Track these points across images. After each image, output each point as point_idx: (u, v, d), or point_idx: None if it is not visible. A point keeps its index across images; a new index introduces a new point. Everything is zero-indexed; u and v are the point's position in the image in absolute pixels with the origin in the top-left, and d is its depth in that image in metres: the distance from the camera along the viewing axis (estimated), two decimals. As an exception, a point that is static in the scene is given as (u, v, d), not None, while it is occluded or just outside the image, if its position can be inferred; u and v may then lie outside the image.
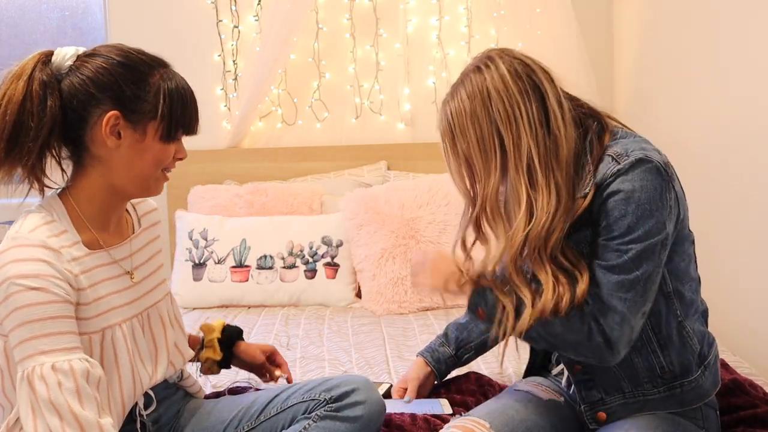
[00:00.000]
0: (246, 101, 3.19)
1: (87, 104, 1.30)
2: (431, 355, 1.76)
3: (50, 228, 1.29)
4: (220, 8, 3.27)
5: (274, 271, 2.74)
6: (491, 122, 1.33)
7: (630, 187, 1.28)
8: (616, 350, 1.31)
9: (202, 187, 3.05)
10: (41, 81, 1.29)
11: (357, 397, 1.42)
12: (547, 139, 1.32)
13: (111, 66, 1.31)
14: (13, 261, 1.23)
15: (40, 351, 1.19)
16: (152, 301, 1.45)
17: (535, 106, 1.32)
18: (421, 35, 3.29)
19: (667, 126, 2.77)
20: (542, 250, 1.31)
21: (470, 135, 1.34)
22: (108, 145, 1.31)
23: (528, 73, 1.35)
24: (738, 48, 2.27)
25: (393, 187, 2.88)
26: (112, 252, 1.38)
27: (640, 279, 1.29)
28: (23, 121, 1.28)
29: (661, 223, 1.28)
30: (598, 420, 1.44)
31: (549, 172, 1.31)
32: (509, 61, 1.36)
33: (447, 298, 1.47)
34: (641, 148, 1.32)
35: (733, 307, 2.31)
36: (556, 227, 1.30)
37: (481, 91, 1.34)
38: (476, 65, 1.38)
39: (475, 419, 1.43)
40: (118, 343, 1.33)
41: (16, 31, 3.37)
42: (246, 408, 1.50)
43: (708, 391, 1.42)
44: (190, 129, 1.38)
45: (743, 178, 2.25)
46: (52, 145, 1.32)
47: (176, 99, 1.34)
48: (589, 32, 3.15)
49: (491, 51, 1.39)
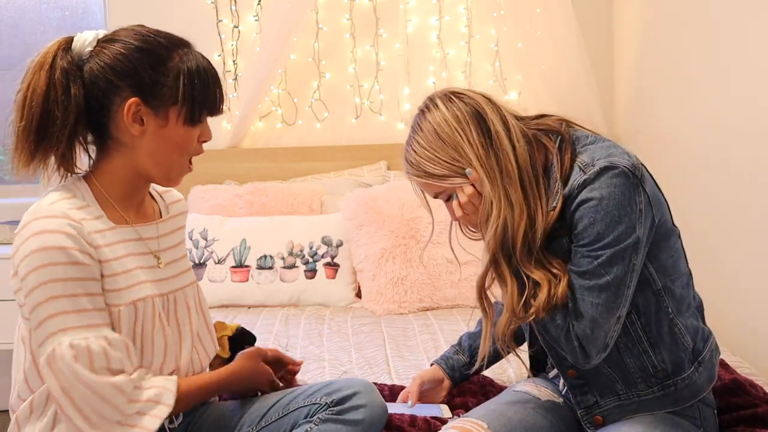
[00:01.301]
0: (246, 101, 3.19)
1: (108, 92, 1.30)
2: (445, 362, 1.77)
3: (72, 202, 1.29)
4: (220, 8, 3.27)
5: (274, 271, 2.74)
6: (446, 153, 1.39)
7: (598, 194, 1.31)
8: (589, 354, 1.35)
9: (202, 187, 3.05)
10: (63, 69, 1.29)
11: (359, 401, 1.42)
12: (491, 158, 1.37)
13: (129, 51, 1.30)
14: (34, 234, 1.23)
15: (59, 329, 1.21)
16: (179, 285, 1.44)
17: (475, 129, 1.37)
18: (421, 35, 3.29)
19: (667, 126, 2.77)
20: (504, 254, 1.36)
21: (435, 172, 1.40)
22: (132, 132, 1.31)
23: (465, 104, 1.40)
24: (738, 48, 2.27)
25: (393, 187, 2.88)
26: (138, 229, 1.38)
27: (611, 284, 1.31)
28: (50, 110, 1.28)
29: (630, 228, 1.31)
30: (596, 423, 1.45)
31: (499, 182, 1.36)
32: (447, 97, 1.42)
33: None
34: (607, 155, 1.34)
35: (732, 307, 2.31)
36: (518, 230, 1.35)
37: (428, 129, 1.41)
38: (420, 109, 1.46)
39: (473, 420, 1.43)
40: (149, 317, 1.33)
41: (16, 31, 3.37)
42: (247, 413, 1.49)
43: (702, 387, 1.42)
44: (214, 109, 1.36)
45: (743, 177, 2.25)
46: (79, 132, 1.32)
47: (197, 81, 1.32)
48: (589, 32, 3.15)
49: (432, 94, 1.47)
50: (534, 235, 1.36)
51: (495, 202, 1.35)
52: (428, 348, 2.18)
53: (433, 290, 2.63)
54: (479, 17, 3.26)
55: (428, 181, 1.42)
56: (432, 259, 2.65)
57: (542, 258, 1.37)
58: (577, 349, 1.35)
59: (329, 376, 1.95)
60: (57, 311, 1.22)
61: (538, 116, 1.47)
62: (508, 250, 1.36)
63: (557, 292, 1.34)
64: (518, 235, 1.35)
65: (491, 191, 1.36)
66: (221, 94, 1.37)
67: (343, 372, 2.01)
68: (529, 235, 1.36)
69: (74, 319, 1.22)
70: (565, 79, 3.08)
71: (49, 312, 1.22)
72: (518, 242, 1.35)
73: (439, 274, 2.64)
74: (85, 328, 1.23)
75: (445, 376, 1.75)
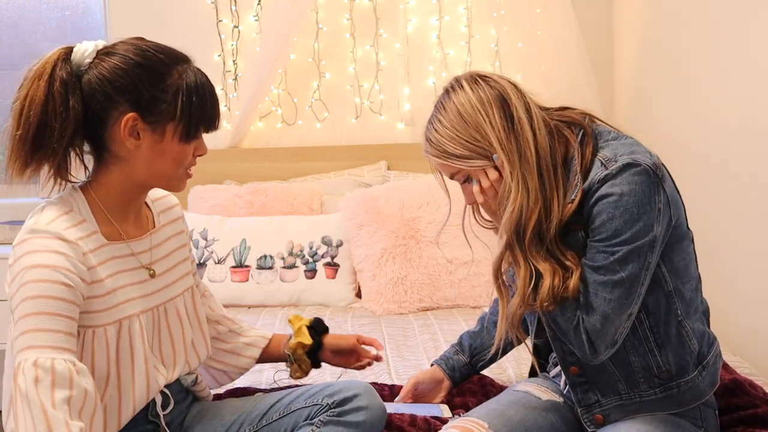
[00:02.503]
0: (246, 101, 3.19)
1: (106, 105, 1.30)
2: (445, 363, 1.77)
3: (68, 218, 1.29)
4: (220, 8, 3.27)
5: (274, 271, 2.74)
6: (467, 134, 1.39)
7: (618, 190, 1.31)
8: (598, 349, 1.35)
9: (202, 187, 3.05)
10: (62, 80, 1.28)
11: (359, 403, 1.42)
12: (512, 142, 1.37)
13: (129, 67, 1.29)
14: (29, 252, 1.23)
15: (29, 345, 1.18)
16: (170, 296, 1.44)
17: (498, 113, 1.37)
18: (421, 35, 3.29)
19: (667, 126, 2.77)
20: (516, 240, 1.36)
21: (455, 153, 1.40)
22: (128, 146, 1.31)
23: (490, 87, 1.40)
24: (738, 48, 2.27)
25: (393, 187, 2.88)
26: (131, 244, 1.39)
27: (625, 280, 1.31)
28: (48, 121, 1.27)
29: (648, 226, 1.30)
30: (596, 422, 1.45)
31: (518, 169, 1.36)
32: (473, 79, 1.42)
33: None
34: (630, 152, 1.34)
35: (733, 307, 2.31)
36: (530, 218, 1.35)
37: (451, 109, 1.40)
38: (445, 89, 1.45)
39: (474, 419, 1.43)
40: (135, 335, 1.33)
41: (16, 31, 3.37)
42: (248, 411, 1.49)
43: (704, 391, 1.42)
44: (211, 125, 1.37)
45: (743, 178, 2.26)
46: (75, 143, 1.32)
47: (195, 98, 1.32)
48: (589, 32, 3.16)
49: (459, 76, 1.46)
50: (548, 225, 1.36)
51: (513, 187, 1.36)
52: (428, 348, 2.19)
53: (433, 290, 2.63)
54: (479, 17, 3.26)
55: (447, 161, 1.41)
56: (432, 259, 2.65)
57: (555, 249, 1.36)
58: (586, 343, 1.35)
59: (329, 376, 1.95)
60: (32, 327, 1.19)
61: (561, 108, 1.47)
62: (521, 236, 1.36)
63: (568, 285, 1.33)
64: (530, 223, 1.35)
65: (509, 175, 1.36)
66: (218, 110, 1.37)
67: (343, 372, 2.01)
68: (543, 224, 1.36)
69: (47, 338, 1.19)
70: (565, 79, 3.08)
71: (26, 327, 1.20)
72: (529, 229, 1.35)
73: (439, 274, 2.64)
74: (55, 349, 1.19)
75: (445, 376, 1.75)
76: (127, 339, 1.33)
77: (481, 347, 1.76)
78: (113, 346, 1.30)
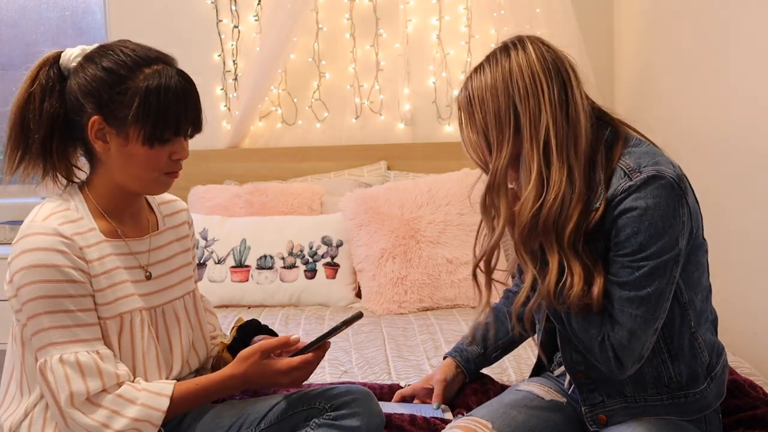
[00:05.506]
0: (246, 101, 3.19)
1: (78, 108, 1.34)
2: (460, 354, 1.72)
3: (65, 215, 1.33)
4: (220, 8, 3.27)
5: (274, 271, 2.74)
6: (509, 96, 1.31)
7: (643, 204, 1.26)
8: (624, 365, 1.32)
9: (202, 187, 3.05)
10: (41, 83, 1.35)
11: (356, 408, 1.41)
12: (566, 125, 1.30)
13: (95, 70, 1.33)
14: (27, 251, 1.27)
15: (50, 342, 1.26)
16: (168, 298, 1.46)
17: (557, 90, 1.31)
18: (421, 35, 3.29)
19: (667, 126, 2.77)
20: (554, 234, 1.30)
21: (487, 107, 1.33)
22: (98, 149, 1.35)
23: (554, 59, 1.34)
24: (739, 48, 2.27)
25: (393, 187, 2.87)
26: (130, 243, 1.41)
27: (651, 296, 1.28)
28: (25, 121, 1.35)
29: (673, 240, 1.27)
30: (599, 422, 1.44)
31: (565, 155, 1.29)
32: (538, 45, 1.35)
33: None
34: (654, 163, 1.30)
35: (733, 308, 2.31)
36: (572, 214, 1.29)
37: (504, 66, 1.33)
38: (505, 44, 1.37)
39: (478, 419, 1.43)
40: (136, 330, 1.36)
41: (16, 31, 3.37)
42: (246, 415, 1.49)
43: (711, 403, 1.41)
44: (178, 129, 1.34)
45: (744, 177, 2.25)
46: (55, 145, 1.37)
47: (154, 101, 1.30)
48: (589, 32, 3.15)
49: (522, 35, 1.38)
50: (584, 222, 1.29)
51: (556, 174, 1.28)
52: (428, 348, 2.18)
53: (433, 290, 2.63)
54: (479, 17, 3.26)
55: (476, 116, 1.33)
56: (432, 259, 2.65)
57: (582, 251, 1.31)
58: (612, 360, 1.31)
59: (329, 376, 1.95)
60: (47, 326, 1.27)
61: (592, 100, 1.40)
62: (559, 230, 1.29)
63: (593, 292, 1.29)
64: (571, 219, 1.28)
65: (556, 160, 1.29)
66: (189, 114, 1.34)
67: (343, 372, 2.01)
68: (582, 224, 1.29)
69: (63, 334, 1.27)
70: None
71: (41, 325, 1.27)
72: (569, 226, 1.29)
73: (439, 274, 2.64)
74: (75, 343, 1.28)
75: (460, 370, 1.71)
76: (128, 334, 1.35)
77: (495, 337, 1.70)
78: (115, 339, 1.34)
